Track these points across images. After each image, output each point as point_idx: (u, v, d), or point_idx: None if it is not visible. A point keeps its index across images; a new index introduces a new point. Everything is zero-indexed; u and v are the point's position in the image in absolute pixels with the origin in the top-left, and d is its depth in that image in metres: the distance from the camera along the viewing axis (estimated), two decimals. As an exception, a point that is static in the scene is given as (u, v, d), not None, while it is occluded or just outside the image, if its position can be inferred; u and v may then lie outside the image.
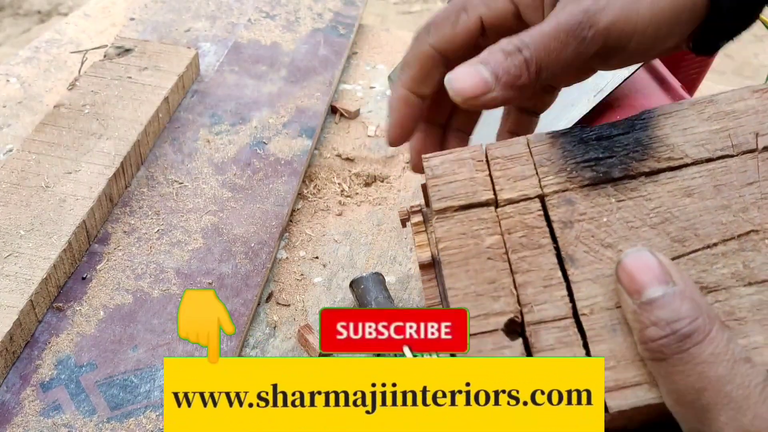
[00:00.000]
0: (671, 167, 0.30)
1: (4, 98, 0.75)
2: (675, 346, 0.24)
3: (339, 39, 0.87)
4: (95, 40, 0.85)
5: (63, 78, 0.79)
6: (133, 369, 0.50)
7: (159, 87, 0.70)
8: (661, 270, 0.25)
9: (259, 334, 0.55)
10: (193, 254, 0.58)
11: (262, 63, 0.81)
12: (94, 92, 0.68)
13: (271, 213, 0.62)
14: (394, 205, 0.67)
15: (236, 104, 0.75)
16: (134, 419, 0.47)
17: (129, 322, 0.52)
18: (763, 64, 2.14)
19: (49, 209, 0.56)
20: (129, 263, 0.57)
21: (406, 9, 2.28)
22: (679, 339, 0.24)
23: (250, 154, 0.69)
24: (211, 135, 0.70)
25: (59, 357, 0.50)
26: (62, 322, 0.52)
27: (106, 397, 0.48)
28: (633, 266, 0.26)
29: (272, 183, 0.66)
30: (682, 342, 0.24)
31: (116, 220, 0.60)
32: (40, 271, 0.51)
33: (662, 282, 0.25)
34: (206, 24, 0.88)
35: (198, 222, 0.61)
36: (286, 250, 0.62)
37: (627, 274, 0.26)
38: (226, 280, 0.56)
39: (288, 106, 0.75)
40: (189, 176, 0.65)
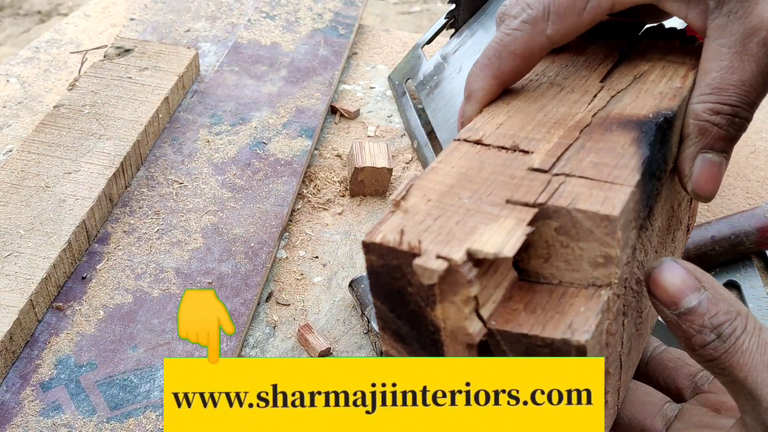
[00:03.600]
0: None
1: (4, 98, 0.75)
2: (722, 347, 0.26)
3: (339, 39, 0.87)
4: (95, 41, 0.85)
5: (63, 78, 0.79)
6: (133, 369, 0.50)
7: (159, 87, 0.70)
8: (691, 278, 0.27)
9: (259, 333, 0.55)
10: (193, 254, 0.58)
11: (262, 63, 0.81)
12: (94, 92, 0.68)
13: (270, 213, 0.62)
14: (394, 205, 0.67)
15: (236, 104, 0.75)
16: (134, 419, 0.47)
17: (129, 322, 0.52)
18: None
19: (49, 209, 0.56)
20: (129, 263, 0.57)
21: (406, 9, 2.28)
22: (724, 339, 0.26)
23: (250, 154, 0.69)
24: (211, 135, 0.70)
25: (59, 357, 0.50)
26: (62, 321, 0.52)
27: (105, 397, 0.48)
28: (664, 279, 0.27)
29: (272, 183, 0.66)
30: (726, 342, 0.26)
31: (116, 220, 0.60)
32: (40, 271, 0.51)
33: (694, 289, 0.26)
34: (206, 24, 0.88)
35: (198, 222, 0.61)
36: (286, 250, 0.62)
37: (659, 288, 0.27)
38: (226, 280, 0.56)
39: (288, 107, 0.75)
40: (189, 176, 0.65)
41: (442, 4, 2.29)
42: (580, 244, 0.25)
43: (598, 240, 0.25)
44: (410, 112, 0.78)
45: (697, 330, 0.26)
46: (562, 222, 0.25)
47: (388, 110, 0.80)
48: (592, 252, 0.25)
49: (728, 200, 0.73)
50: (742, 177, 0.77)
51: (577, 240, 0.26)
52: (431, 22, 2.14)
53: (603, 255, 0.25)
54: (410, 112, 0.78)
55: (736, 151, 0.80)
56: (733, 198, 0.73)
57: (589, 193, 0.25)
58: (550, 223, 0.26)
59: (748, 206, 0.73)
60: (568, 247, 0.26)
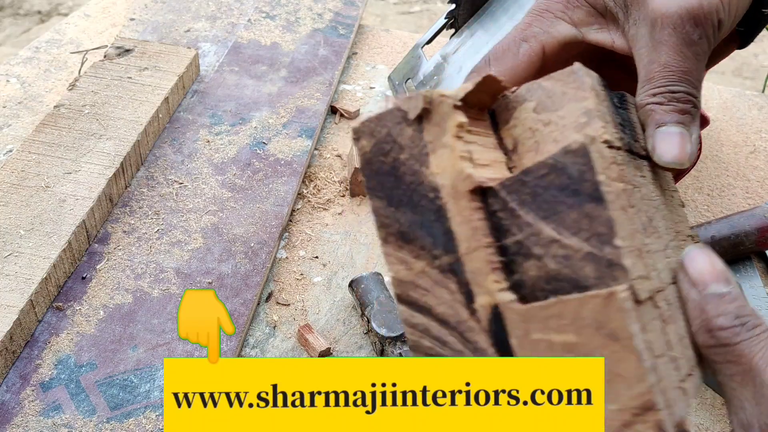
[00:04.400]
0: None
1: (4, 98, 0.75)
2: (744, 335, 0.27)
3: (339, 39, 0.87)
4: (95, 41, 0.85)
5: (63, 78, 0.79)
6: (133, 369, 0.50)
7: (159, 87, 0.70)
8: (725, 270, 0.29)
9: (259, 333, 0.55)
10: (193, 254, 0.58)
11: (262, 63, 0.81)
12: (94, 92, 0.68)
13: (270, 213, 0.62)
14: (394, 205, 0.67)
15: (236, 104, 0.75)
16: (134, 419, 0.47)
17: (129, 322, 0.52)
18: (763, 64, 2.14)
19: (49, 209, 0.56)
20: (129, 263, 0.57)
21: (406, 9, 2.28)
22: (749, 328, 0.28)
23: (250, 154, 0.69)
24: (211, 135, 0.70)
25: (59, 357, 0.50)
26: (62, 321, 0.52)
27: (105, 397, 0.48)
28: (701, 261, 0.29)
29: (272, 183, 0.66)
30: (750, 331, 0.27)
31: (116, 220, 0.60)
32: (40, 271, 0.51)
33: (726, 282, 0.29)
34: (206, 24, 0.88)
35: (198, 222, 0.61)
36: (286, 250, 0.62)
37: (695, 267, 0.29)
38: (225, 280, 0.56)
39: (288, 107, 0.75)
40: (189, 176, 0.65)
41: (442, 4, 2.29)
42: (559, 112, 0.26)
43: (572, 98, 0.26)
44: (410, 112, 0.77)
45: (719, 312, 0.28)
46: (538, 98, 0.27)
47: (388, 110, 0.80)
48: (573, 114, 0.26)
49: (728, 200, 0.73)
50: (742, 177, 0.77)
51: (555, 110, 0.26)
52: (431, 22, 2.14)
53: (583, 111, 0.26)
54: (410, 112, 0.77)
55: (736, 151, 0.80)
56: (733, 198, 0.73)
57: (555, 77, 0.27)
58: (526, 105, 0.27)
59: (748, 206, 0.73)
60: (550, 124, 0.26)
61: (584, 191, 0.24)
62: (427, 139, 0.25)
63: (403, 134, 0.26)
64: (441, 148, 0.25)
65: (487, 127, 0.28)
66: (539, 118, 0.27)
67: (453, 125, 0.25)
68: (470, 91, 0.26)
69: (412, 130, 0.26)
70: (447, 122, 0.25)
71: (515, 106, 0.28)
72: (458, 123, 0.25)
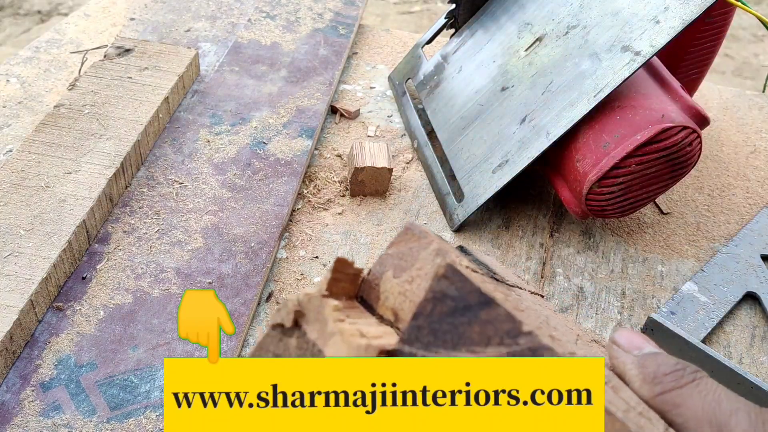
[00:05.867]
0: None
1: (4, 98, 0.75)
2: (689, 377, 0.28)
3: (339, 39, 0.87)
4: (95, 40, 0.85)
5: (63, 78, 0.79)
6: (133, 369, 0.50)
7: (159, 87, 0.70)
8: (650, 341, 0.30)
9: (259, 333, 0.54)
10: (193, 254, 0.58)
11: (262, 63, 0.81)
12: (94, 92, 0.68)
13: (271, 213, 0.62)
14: (393, 205, 0.67)
15: (236, 104, 0.75)
16: (134, 419, 0.47)
17: (129, 322, 0.52)
18: (763, 64, 2.14)
19: (49, 209, 0.56)
20: (129, 263, 0.57)
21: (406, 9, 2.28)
22: (691, 372, 0.28)
23: (250, 154, 0.69)
24: (211, 135, 0.70)
25: (59, 357, 0.50)
26: (62, 321, 0.52)
27: (106, 397, 0.48)
28: (629, 333, 0.30)
29: (272, 183, 0.66)
30: (694, 373, 0.28)
31: (116, 220, 0.60)
32: (40, 271, 0.51)
33: (654, 347, 0.30)
34: (206, 24, 0.88)
35: (198, 222, 0.61)
36: (286, 250, 0.62)
37: (624, 338, 0.30)
38: (226, 280, 0.56)
39: (288, 107, 0.75)
40: (189, 176, 0.65)
41: (442, 4, 2.29)
42: (416, 265, 0.27)
43: (420, 248, 0.27)
44: (410, 112, 0.78)
45: (660, 363, 0.28)
46: (391, 264, 0.28)
47: (388, 110, 0.80)
48: (427, 259, 0.26)
49: (728, 200, 0.73)
50: (742, 177, 0.77)
51: (411, 265, 0.27)
52: (431, 22, 2.14)
53: (435, 252, 0.26)
54: (410, 112, 0.78)
55: (737, 151, 0.80)
56: (733, 198, 0.73)
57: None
58: (386, 276, 0.28)
59: (748, 206, 0.73)
60: (414, 280, 0.27)
61: (472, 301, 0.25)
62: (313, 338, 0.25)
63: (288, 348, 0.26)
64: (330, 338, 0.25)
65: (362, 311, 0.28)
66: (402, 280, 0.27)
67: (330, 311, 0.25)
68: (330, 279, 0.27)
69: (295, 339, 0.26)
70: (324, 312, 0.25)
71: (377, 283, 0.28)
72: (334, 307, 0.25)
